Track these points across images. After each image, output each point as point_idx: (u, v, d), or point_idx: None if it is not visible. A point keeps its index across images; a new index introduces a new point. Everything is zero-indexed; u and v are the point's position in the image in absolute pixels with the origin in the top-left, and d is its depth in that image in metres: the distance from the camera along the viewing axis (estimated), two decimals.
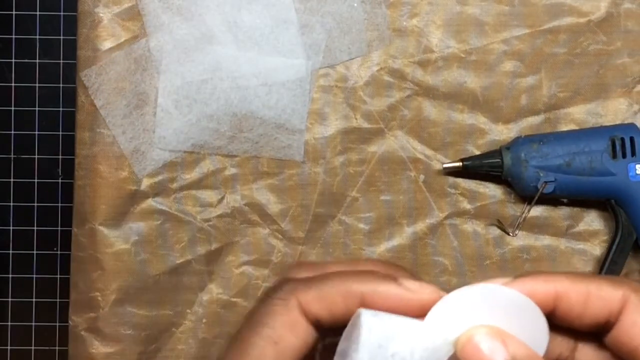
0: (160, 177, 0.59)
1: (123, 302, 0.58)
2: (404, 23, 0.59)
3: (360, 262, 0.31)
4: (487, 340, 0.26)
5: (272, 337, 0.27)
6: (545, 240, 0.58)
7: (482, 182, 0.58)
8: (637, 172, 0.54)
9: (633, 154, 0.54)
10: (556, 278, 0.27)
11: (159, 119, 0.58)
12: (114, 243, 0.58)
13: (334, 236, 0.59)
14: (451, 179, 0.59)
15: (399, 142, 0.59)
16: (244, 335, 0.28)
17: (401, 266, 0.32)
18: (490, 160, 0.56)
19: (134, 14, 0.58)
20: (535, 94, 0.58)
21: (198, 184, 0.59)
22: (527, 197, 0.57)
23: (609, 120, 0.58)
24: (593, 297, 0.27)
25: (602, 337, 0.28)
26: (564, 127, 0.58)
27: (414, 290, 0.28)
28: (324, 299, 0.28)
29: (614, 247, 0.55)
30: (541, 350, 0.27)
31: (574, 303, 0.27)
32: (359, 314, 0.27)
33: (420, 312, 0.28)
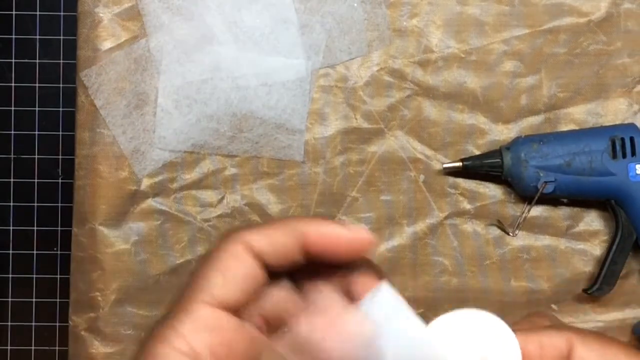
0: (160, 177, 0.59)
1: (123, 302, 0.58)
2: (404, 23, 0.59)
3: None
4: None
5: (219, 267, 0.30)
6: (545, 240, 0.58)
7: (482, 182, 0.58)
8: (637, 172, 0.54)
9: (633, 154, 0.54)
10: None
11: (159, 119, 0.58)
12: (114, 243, 0.58)
13: None
14: (451, 179, 0.59)
15: (399, 142, 0.59)
16: (199, 270, 0.31)
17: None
18: (490, 160, 0.56)
19: (134, 14, 0.58)
20: (535, 94, 0.58)
21: (198, 184, 0.59)
22: (527, 197, 0.57)
23: (609, 120, 0.58)
24: (546, 345, 0.31)
25: None
26: (564, 127, 0.58)
27: (352, 229, 0.31)
28: (267, 235, 0.31)
29: (614, 247, 0.55)
30: None
31: (532, 353, 0.31)
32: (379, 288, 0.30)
33: (353, 253, 0.31)
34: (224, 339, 0.30)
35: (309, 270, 0.32)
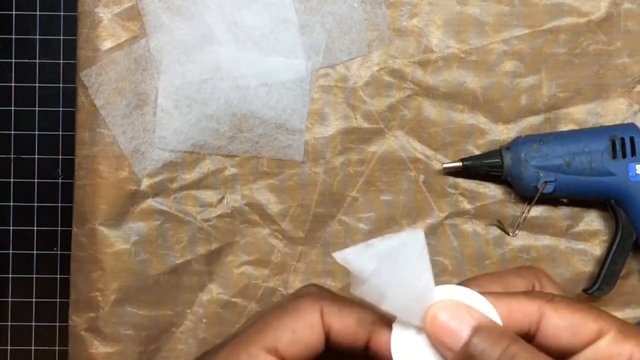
0: (160, 177, 0.59)
1: (123, 302, 0.58)
2: (404, 23, 0.59)
3: None
4: (451, 315, 0.29)
5: (292, 326, 0.31)
6: (545, 240, 0.58)
7: (482, 182, 0.58)
8: (637, 172, 0.54)
9: (633, 154, 0.54)
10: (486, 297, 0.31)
11: (159, 119, 0.58)
12: (114, 243, 0.58)
13: (334, 236, 0.59)
14: (451, 179, 0.59)
15: (399, 142, 0.59)
16: (269, 318, 0.32)
17: None
18: (490, 160, 0.56)
19: (134, 14, 0.58)
20: (535, 94, 0.58)
21: (198, 184, 0.59)
22: (527, 197, 0.57)
23: (609, 120, 0.58)
24: (515, 310, 0.31)
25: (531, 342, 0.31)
26: (564, 127, 0.58)
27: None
28: (342, 316, 0.32)
29: (614, 247, 0.55)
30: None
31: (501, 317, 0.31)
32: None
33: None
34: None
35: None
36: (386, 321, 0.32)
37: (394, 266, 0.29)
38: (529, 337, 0.31)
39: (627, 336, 0.30)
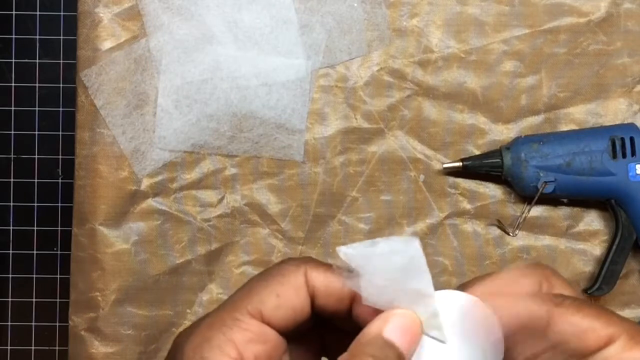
0: (160, 177, 0.59)
1: (123, 302, 0.58)
2: (404, 23, 0.59)
3: None
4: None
5: (276, 290, 0.31)
6: (545, 240, 0.58)
7: (482, 182, 0.58)
8: (637, 172, 0.54)
9: (633, 154, 0.54)
10: (491, 300, 0.31)
11: (159, 119, 0.58)
12: (114, 243, 0.58)
13: (334, 236, 0.59)
14: (451, 179, 0.59)
15: (399, 142, 0.59)
16: (254, 284, 0.32)
17: None
18: (490, 160, 0.56)
19: (134, 14, 0.58)
20: (535, 94, 0.58)
21: (198, 184, 0.59)
22: (527, 197, 0.57)
23: (609, 120, 0.58)
24: (522, 315, 0.30)
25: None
26: (564, 127, 0.58)
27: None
28: (326, 278, 0.31)
29: (614, 247, 0.55)
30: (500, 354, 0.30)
31: (505, 321, 0.30)
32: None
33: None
34: (269, 352, 0.31)
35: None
36: None
37: (394, 270, 0.29)
38: (536, 339, 0.30)
39: (638, 342, 0.29)
